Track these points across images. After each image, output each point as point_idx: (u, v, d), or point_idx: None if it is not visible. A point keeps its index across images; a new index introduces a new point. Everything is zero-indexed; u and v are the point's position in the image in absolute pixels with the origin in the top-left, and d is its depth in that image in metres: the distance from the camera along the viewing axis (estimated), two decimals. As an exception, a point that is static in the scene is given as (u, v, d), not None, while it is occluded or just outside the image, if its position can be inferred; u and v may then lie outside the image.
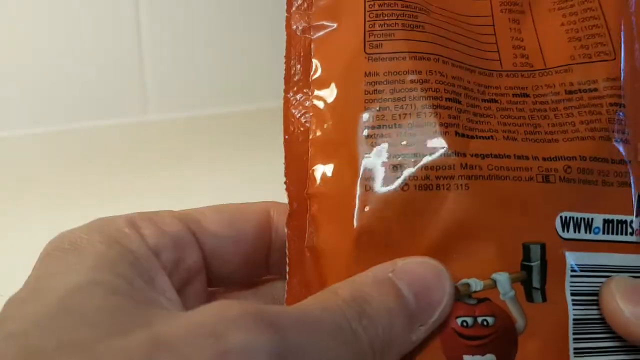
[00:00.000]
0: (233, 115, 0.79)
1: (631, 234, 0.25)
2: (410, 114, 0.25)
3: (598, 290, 0.24)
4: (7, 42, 0.69)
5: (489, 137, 0.25)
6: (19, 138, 0.71)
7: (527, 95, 0.27)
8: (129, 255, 0.23)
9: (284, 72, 0.28)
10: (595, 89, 0.26)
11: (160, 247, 0.24)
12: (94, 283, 0.21)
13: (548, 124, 0.26)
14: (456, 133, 0.25)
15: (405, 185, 0.24)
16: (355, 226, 0.25)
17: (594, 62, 0.27)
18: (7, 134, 0.71)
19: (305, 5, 0.29)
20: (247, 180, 0.64)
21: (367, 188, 0.25)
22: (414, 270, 0.23)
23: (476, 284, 0.24)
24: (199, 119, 0.77)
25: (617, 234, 0.25)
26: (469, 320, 0.24)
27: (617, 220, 0.25)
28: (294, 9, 0.29)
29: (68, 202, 0.60)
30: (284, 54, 0.29)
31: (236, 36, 0.78)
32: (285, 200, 0.27)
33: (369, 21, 0.27)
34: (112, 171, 0.67)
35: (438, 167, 0.25)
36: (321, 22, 0.28)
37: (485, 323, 0.24)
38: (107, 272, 0.21)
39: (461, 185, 0.24)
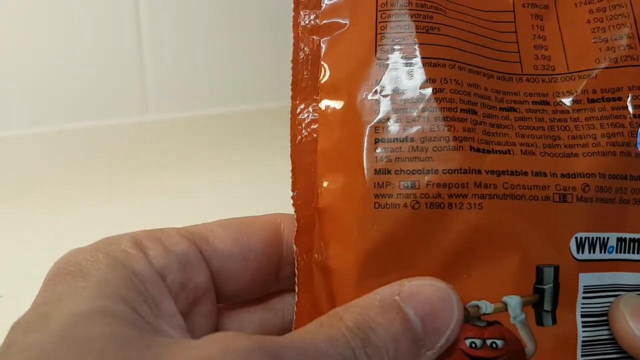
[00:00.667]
0: (233, 115, 0.78)
1: None
2: (423, 126, 0.24)
3: (607, 310, 0.24)
4: (7, 42, 0.69)
5: (506, 152, 0.24)
6: (19, 138, 0.70)
7: (548, 103, 0.26)
8: (134, 279, 0.22)
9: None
10: (620, 98, 0.25)
11: (166, 268, 0.24)
12: (99, 310, 0.20)
13: (568, 136, 0.25)
14: (471, 148, 0.24)
15: (416, 203, 0.24)
16: (363, 244, 0.24)
17: (619, 66, 0.25)
18: (7, 134, 0.70)
19: (314, 2, 0.27)
20: (247, 180, 0.64)
21: (377, 205, 0.24)
22: (421, 293, 0.23)
23: (486, 307, 0.23)
24: (199, 119, 0.77)
25: (629, 252, 0.24)
26: (478, 342, 0.23)
27: (629, 238, 0.24)
28: (301, 6, 0.28)
29: (68, 202, 0.60)
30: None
31: (236, 36, 0.77)
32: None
33: (380, 22, 0.26)
34: (112, 171, 0.67)
35: (451, 185, 0.24)
36: (331, 21, 0.27)
37: (494, 345, 0.23)
38: (112, 298, 0.21)
39: (474, 204, 0.24)
